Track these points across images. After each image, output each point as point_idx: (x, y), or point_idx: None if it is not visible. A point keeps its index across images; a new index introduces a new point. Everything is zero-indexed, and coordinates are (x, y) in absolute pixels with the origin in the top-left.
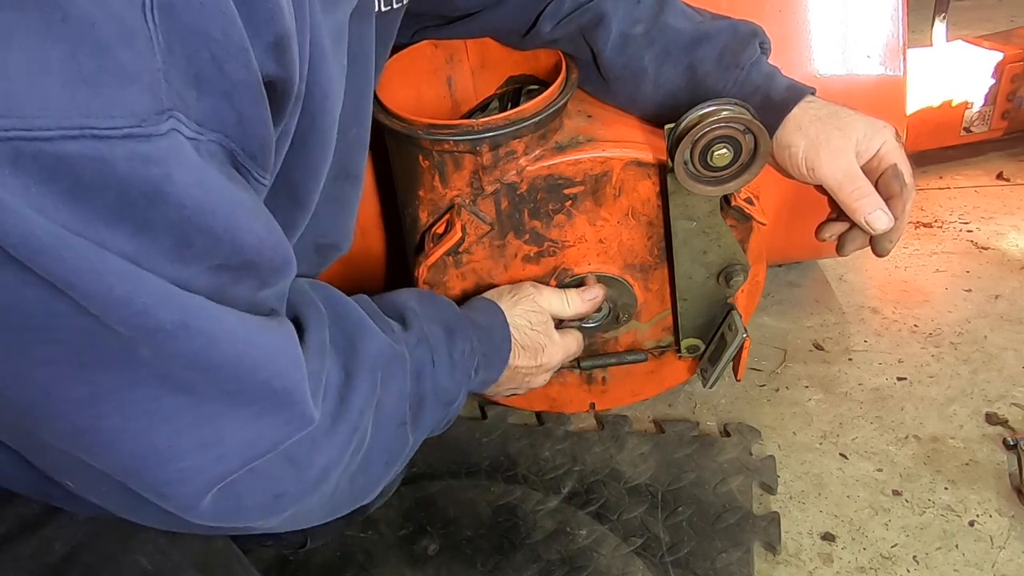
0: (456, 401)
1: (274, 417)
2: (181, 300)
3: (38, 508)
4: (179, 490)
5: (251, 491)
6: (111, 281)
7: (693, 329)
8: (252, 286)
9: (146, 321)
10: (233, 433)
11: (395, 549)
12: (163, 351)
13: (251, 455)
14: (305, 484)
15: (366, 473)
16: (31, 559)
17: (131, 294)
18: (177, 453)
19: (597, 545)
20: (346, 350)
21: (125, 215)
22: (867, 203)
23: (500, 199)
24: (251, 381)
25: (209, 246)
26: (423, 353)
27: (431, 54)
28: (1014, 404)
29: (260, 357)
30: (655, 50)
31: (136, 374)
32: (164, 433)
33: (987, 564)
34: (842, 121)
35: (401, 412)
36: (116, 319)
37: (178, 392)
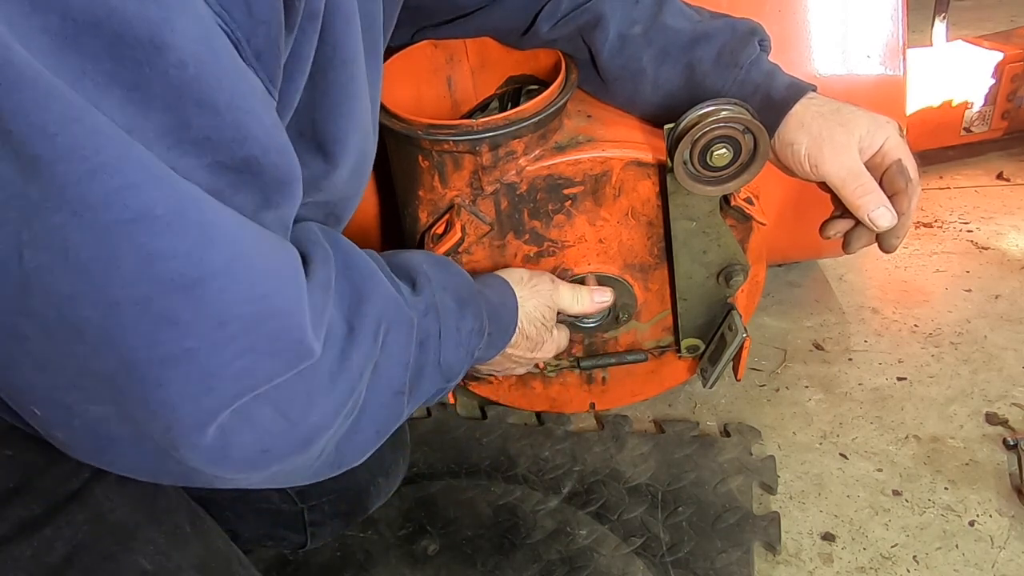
0: (456, 377)
1: (270, 344)
2: (175, 184)
3: (38, 509)
4: (171, 415)
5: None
6: (98, 141)
7: (693, 329)
8: (253, 201)
9: (132, 200)
10: (224, 364)
11: (395, 549)
12: (148, 252)
13: (240, 389)
14: (294, 442)
15: (352, 439)
16: (31, 560)
17: (118, 163)
18: (163, 378)
19: (597, 545)
20: (351, 301)
21: (117, 73)
22: (871, 200)
23: (500, 199)
24: (245, 298)
25: (208, 129)
26: (431, 322)
27: (431, 54)
28: (1014, 404)
29: (257, 267)
30: (653, 50)
31: (115, 294)
32: (148, 360)
33: (987, 564)
34: (845, 117)
35: (400, 379)
36: (97, 196)
37: (161, 321)
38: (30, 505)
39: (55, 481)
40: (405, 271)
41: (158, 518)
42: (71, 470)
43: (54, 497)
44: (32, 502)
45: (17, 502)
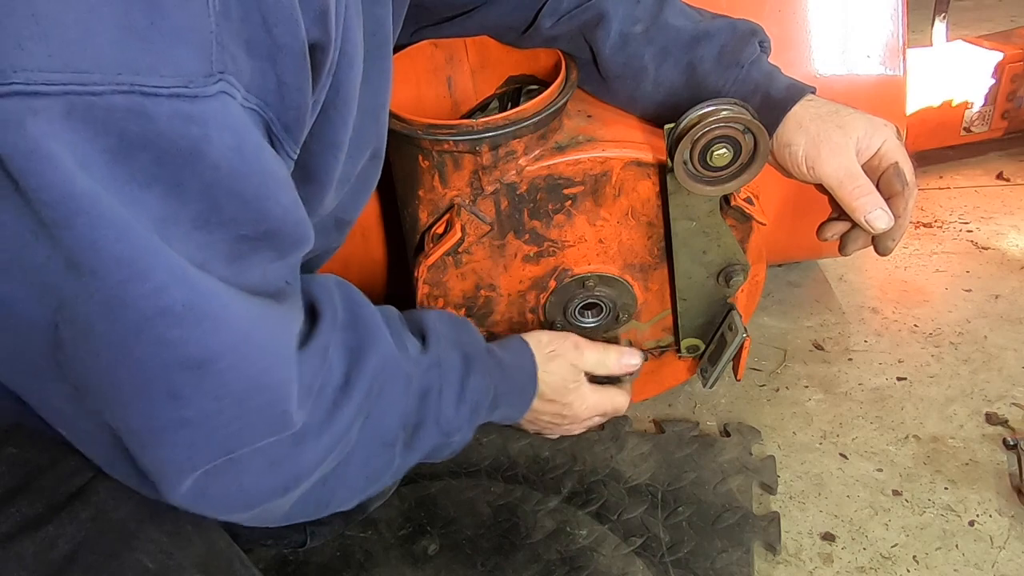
0: (458, 433)
1: (255, 416)
2: (195, 280)
3: (41, 507)
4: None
5: (223, 486)
6: (135, 253)
7: (693, 329)
8: (268, 257)
9: (158, 300)
10: (212, 431)
11: (395, 549)
12: (162, 339)
13: (228, 448)
14: (275, 487)
15: (342, 482)
16: (34, 557)
17: (150, 269)
18: (159, 442)
19: (597, 545)
20: (352, 356)
21: (159, 175)
22: (867, 202)
23: (500, 199)
24: (240, 376)
25: (236, 212)
26: (433, 377)
27: (431, 54)
28: (1014, 404)
29: (255, 349)
30: (654, 49)
31: (128, 372)
32: (147, 428)
33: (987, 564)
34: (843, 119)
35: (392, 432)
36: (129, 296)
37: (165, 397)
38: (33, 503)
39: (58, 480)
40: (418, 327)
41: (160, 517)
42: (74, 469)
43: (57, 495)
44: (35, 500)
45: (20, 500)
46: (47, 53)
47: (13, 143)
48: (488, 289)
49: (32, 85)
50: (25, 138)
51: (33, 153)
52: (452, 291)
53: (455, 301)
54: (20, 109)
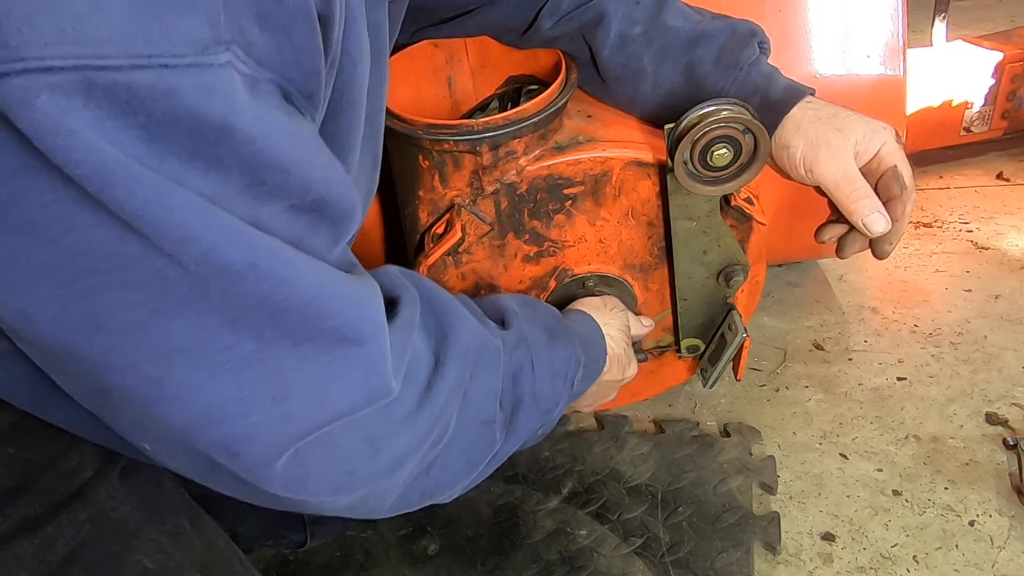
0: (556, 408)
1: (346, 375)
2: (250, 239)
3: (41, 507)
4: (249, 448)
5: (323, 462)
6: (182, 217)
7: (693, 329)
8: (327, 239)
9: (214, 259)
10: (302, 389)
11: (395, 549)
12: (231, 292)
13: (322, 418)
14: (379, 466)
15: (445, 467)
16: (33, 558)
17: (200, 231)
18: (246, 407)
19: (597, 545)
20: (437, 335)
21: (197, 151)
22: (865, 205)
23: (500, 199)
24: (321, 328)
25: (279, 182)
26: (522, 355)
27: (431, 54)
28: (1014, 404)
29: (333, 304)
30: (653, 50)
31: (206, 320)
32: (233, 384)
33: (987, 564)
34: (841, 122)
35: (490, 409)
36: (188, 255)
37: (247, 339)
38: (32, 503)
39: (57, 480)
40: (493, 310)
41: (160, 517)
42: (73, 469)
43: (56, 496)
44: (35, 500)
45: (19, 500)
46: (58, 28)
47: (33, 120)
48: (488, 289)
49: (45, 60)
50: (44, 114)
51: (56, 129)
52: (452, 291)
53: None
54: (35, 86)
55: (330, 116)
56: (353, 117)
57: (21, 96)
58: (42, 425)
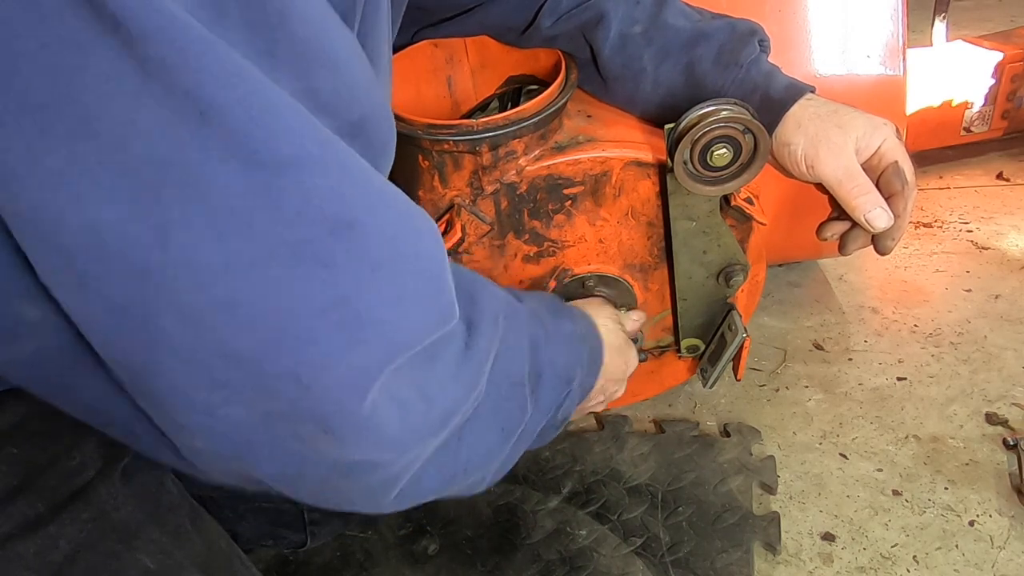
0: (574, 380)
1: (416, 299)
2: (322, 131)
3: (42, 507)
4: (327, 379)
5: (387, 418)
6: (254, 100)
7: (693, 329)
8: None
9: (292, 140)
10: (375, 314)
11: (395, 549)
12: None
13: (394, 346)
14: (431, 420)
15: (477, 435)
16: (35, 557)
17: (274, 115)
18: (323, 333)
19: (597, 545)
20: (465, 300)
21: (254, 41)
22: (867, 201)
23: (500, 199)
24: (392, 241)
25: (330, 92)
26: (536, 327)
27: (431, 54)
28: (1014, 404)
29: (400, 214)
30: (653, 49)
31: (273, 240)
32: (304, 311)
33: (987, 564)
34: (842, 119)
35: (518, 371)
36: (261, 138)
37: (316, 264)
38: (34, 503)
39: (59, 479)
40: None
41: (161, 517)
42: (75, 468)
43: (58, 495)
44: (36, 500)
45: (21, 500)
46: None
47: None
48: None
49: None
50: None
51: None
52: None
53: None
54: None
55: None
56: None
57: None
58: (44, 424)
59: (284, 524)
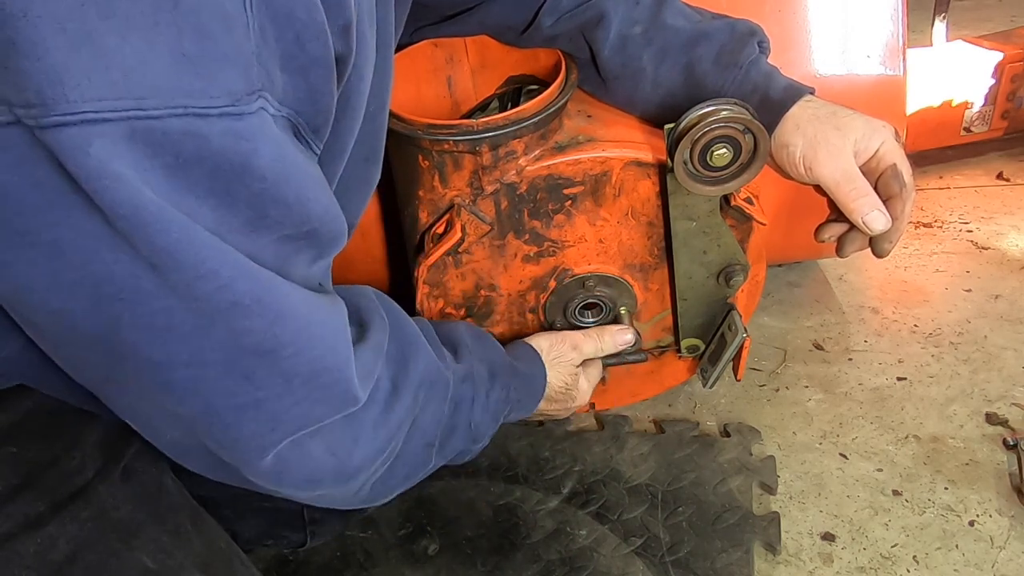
0: (483, 440)
1: (323, 393)
2: (258, 275)
3: (43, 506)
4: (238, 447)
5: (293, 468)
6: (204, 254)
7: (693, 329)
8: (309, 257)
9: (227, 295)
10: (286, 410)
11: (395, 549)
12: (235, 328)
13: (297, 428)
14: (339, 476)
15: (385, 482)
16: (35, 556)
17: (218, 268)
18: (237, 420)
19: (597, 545)
20: (397, 364)
21: (213, 188)
22: (865, 203)
23: (500, 199)
24: (306, 359)
25: (281, 216)
26: (467, 389)
27: (431, 54)
28: (1014, 404)
29: (316, 335)
30: (653, 49)
31: (205, 356)
32: (225, 406)
33: (987, 564)
34: (840, 120)
35: (432, 434)
36: (202, 293)
37: (240, 378)
38: (34, 502)
39: (59, 479)
40: (449, 340)
41: (161, 516)
42: (75, 468)
43: (58, 495)
44: (36, 499)
45: (21, 499)
46: (110, 83)
47: (84, 165)
48: (488, 289)
49: (100, 113)
50: (94, 160)
51: (103, 173)
52: (452, 291)
53: (455, 301)
54: (88, 134)
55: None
56: (351, 122)
57: (77, 143)
58: (44, 424)
59: (284, 524)
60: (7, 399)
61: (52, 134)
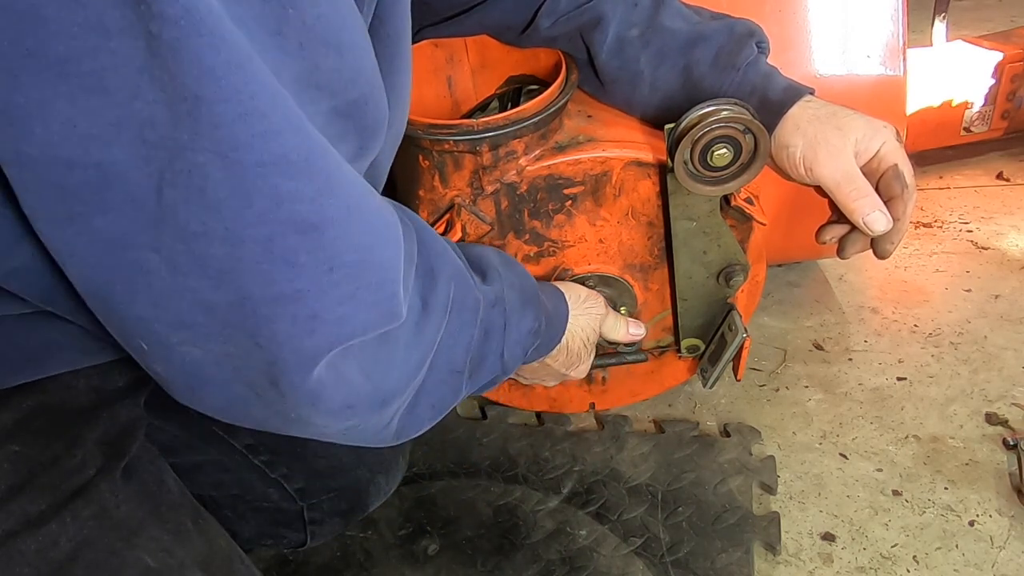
0: (510, 372)
1: (368, 296)
2: (310, 132)
3: (44, 504)
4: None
5: (331, 393)
6: (254, 88)
7: (693, 329)
8: (352, 149)
9: (275, 145)
10: (328, 308)
11: (395, 549)
12: (278, 192)
13: (340, 337)
14: (373, 401)
15: (412, 412)
16: (36, 555)
17: (268, 109)
18: (275, 315)
19: (597, 545)
20: (425, 279)
21: (265, 17)
22: (865, 204)
23: (500, 199)
24: (354, 247)
25: (331, 72)
26: (497, 315)
27: (431, 54)
28: (1014, 404)
29: (367, 221)
30: (651, 52)
31: (243, 232)
32: (263, 296)
33: (987, 564)
34: (841, 121)
35: (460, 361)
36: (244, 138)
37: (280, 262)
38: (35, 501)
39: (60, 477)
40: (477, 264)
41: (162, 515)
42: (76, 466)
43: (59, 493)
44: (37, 498)
45: (22, 497)
46: None
47: None
48: None
49: None
50: None
51: None
52: None
53: None
54: None
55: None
56: (392, 52)
57: None
58: (45, 422)
59: (284, 524)
60: (9, 398)
61: None
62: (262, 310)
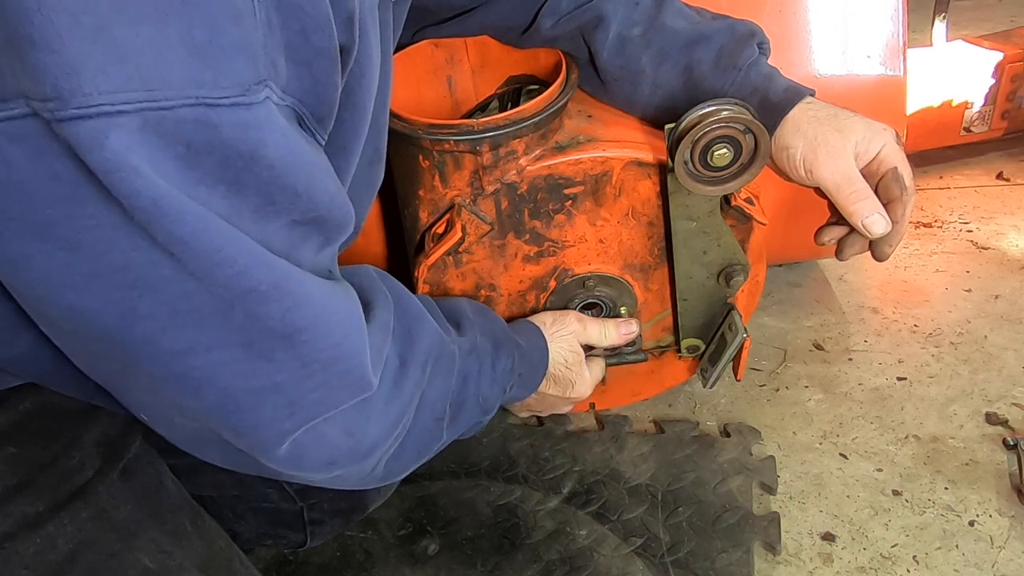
0: (492, 411)
1: (340, 380)
2: (272, 262)
3: (42, 505)
4: (256, 435)
5: (312, 453)
6: (220, 242)
7: (693, 329)
8: (317, 244)
9: (244, 281)
10: (304, 395)
11: (395, 549)
12: (253, 313)
13: (314, 414)
14: (355, 455)
15: (398, 458)
16: (34, 556)
17: (234, 255)
18: (255, 405)
19: (597, 545)
20: (403, 340)
21: (223, 176)
22: (865, 206)
23: (500, 199)
24: (323, 346)
25: (289, 202)
26: (472, 361)
27: (431, 54)
28: (1014, 404)
29: (332, 321)
30: (652, 51)
31: (225, 338)
32: (244, 389)
33: (987, 564)
34: (841, 123)
35: (441, 409)
36: (220, 279)
37: (260, 359)
38: (34, 502)
39: (59, 478)
40: (452, 315)
41: (161, 517)
42: (75, 468)
43: (58, 494)
44: (36, 499)
45: (21, 499)
46: (125, 75)
47: (101, 158)
48: (488, 289)
49: (116, 105)
50: (111, 152)
51: (120, 165)
52: (452, 291)
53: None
54: (105, 127)
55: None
56: (357, 117)
57: (94, 136)
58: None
59: (284, 524)
60: (7, 399)
61: (69, 127)
62: (244, 403)
